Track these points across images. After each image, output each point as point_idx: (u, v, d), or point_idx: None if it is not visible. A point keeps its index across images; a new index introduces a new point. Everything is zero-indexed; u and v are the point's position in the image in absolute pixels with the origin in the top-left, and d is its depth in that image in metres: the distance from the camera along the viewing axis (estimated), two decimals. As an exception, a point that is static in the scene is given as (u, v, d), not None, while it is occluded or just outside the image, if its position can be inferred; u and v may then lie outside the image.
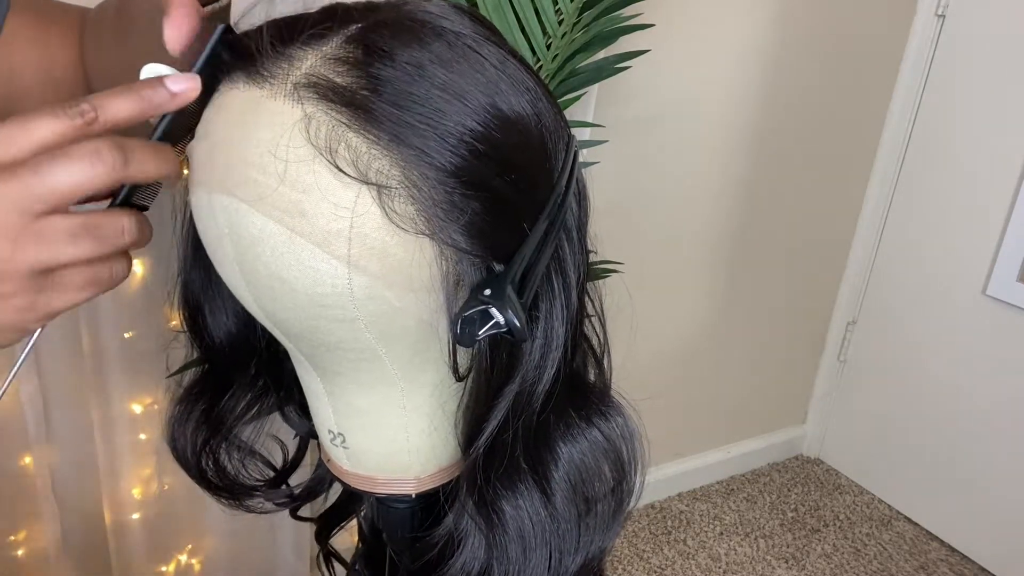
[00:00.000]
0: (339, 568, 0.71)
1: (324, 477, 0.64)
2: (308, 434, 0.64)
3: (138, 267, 1.11)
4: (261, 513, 0.62)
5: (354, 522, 0.68)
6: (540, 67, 1.10)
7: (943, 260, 1.93)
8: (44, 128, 0.34)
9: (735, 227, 1.87)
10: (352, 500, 0.67)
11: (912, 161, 1.98)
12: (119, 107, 0.36)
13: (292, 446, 0.65)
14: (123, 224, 0.37)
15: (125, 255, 0.39)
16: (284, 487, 0.64)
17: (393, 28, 0.38)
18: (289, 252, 0.37)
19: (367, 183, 0.36)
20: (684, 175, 1.72)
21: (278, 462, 0.63)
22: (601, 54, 1.17)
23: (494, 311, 0.38)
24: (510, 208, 0.40)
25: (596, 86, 1.38)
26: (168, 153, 0.38)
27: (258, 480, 0.61)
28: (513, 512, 0.45)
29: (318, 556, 0.71)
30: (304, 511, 0.69)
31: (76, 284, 0.37)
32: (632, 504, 0.50)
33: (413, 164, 0.36)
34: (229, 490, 0.59)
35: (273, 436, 0.62)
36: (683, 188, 1.74)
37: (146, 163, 0.36)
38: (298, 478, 0.65)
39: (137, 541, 1.26)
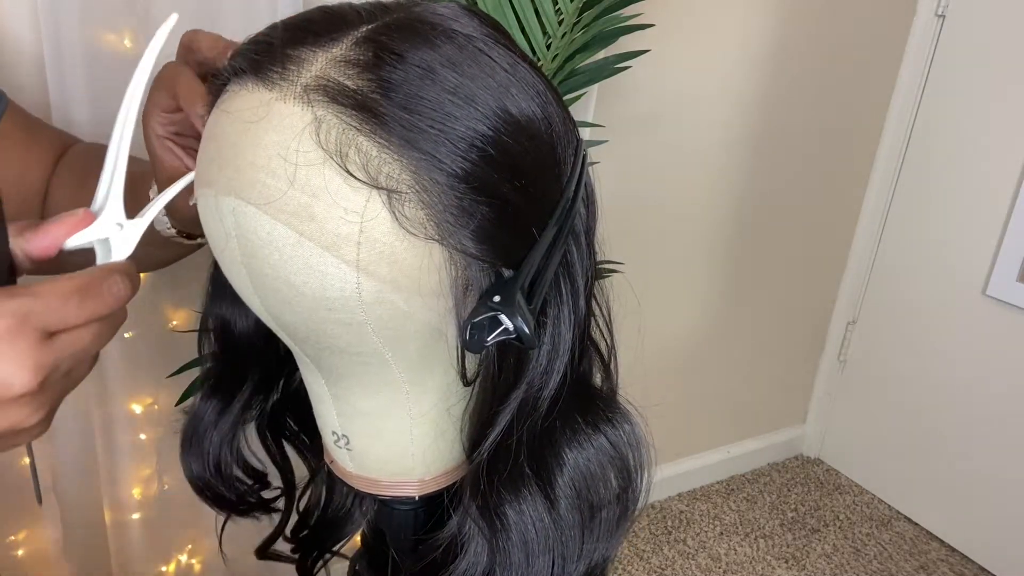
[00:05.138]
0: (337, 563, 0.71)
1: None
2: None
3: (138, 267, 1.11)
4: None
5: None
6: (540, 67, 1.09)
7: (943, 260, 1.93)
8: None
9: (735, 227, 1.86)
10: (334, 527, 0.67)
11: (912, 161, 1.98)
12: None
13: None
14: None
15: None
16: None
17: (403, 30, 0.37)
18: (298, 256, 0.37)
19: (377, 187, 0.35)
20: (684, 175, 1.72)
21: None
22: (601, 54, 1.16)
23: (503, 317, 0.38)
24: (519, 213, 0.39)
25: (596, 86, 1.37)
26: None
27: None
28: (517, 517, 0.44)
29: None
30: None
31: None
32: (638, 510, 0.50)
33: (423, 169, 0.36)
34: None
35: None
36: (683, 188, 1.74)
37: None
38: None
39: (137, 541, 1.25)
